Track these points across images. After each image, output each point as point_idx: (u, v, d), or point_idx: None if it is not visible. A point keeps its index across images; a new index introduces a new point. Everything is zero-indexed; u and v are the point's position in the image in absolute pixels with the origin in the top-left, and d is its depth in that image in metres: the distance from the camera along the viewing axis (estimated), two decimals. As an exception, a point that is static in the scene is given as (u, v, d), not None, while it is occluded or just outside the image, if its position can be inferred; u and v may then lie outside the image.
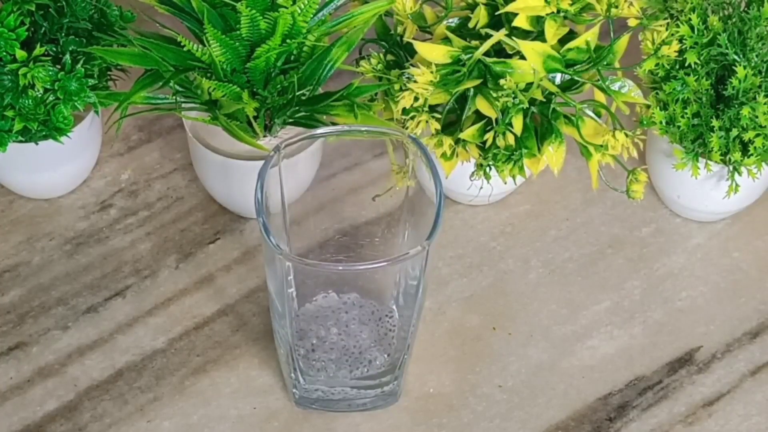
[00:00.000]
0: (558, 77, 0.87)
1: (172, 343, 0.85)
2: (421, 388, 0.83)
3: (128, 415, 0.81)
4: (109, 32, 0.86)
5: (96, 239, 0.90)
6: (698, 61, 0.86)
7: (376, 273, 0.81)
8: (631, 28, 0.84)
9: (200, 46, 0.81)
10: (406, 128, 0.82)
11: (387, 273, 0.80)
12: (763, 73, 0.84)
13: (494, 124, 0.83)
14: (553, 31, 0.82)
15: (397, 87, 0.84)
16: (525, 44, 0.82)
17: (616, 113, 0.85)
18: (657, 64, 0.86)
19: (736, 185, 0.86)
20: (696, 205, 0.91)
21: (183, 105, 0.85)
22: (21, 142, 0.85)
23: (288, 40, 0.81)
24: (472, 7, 0.85)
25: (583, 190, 0.94)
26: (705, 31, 0.86)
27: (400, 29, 0.87)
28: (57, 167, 0.90)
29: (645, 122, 0.87)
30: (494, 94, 0.82)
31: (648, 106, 0.88)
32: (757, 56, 0.84)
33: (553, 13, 0.81)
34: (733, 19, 0.86)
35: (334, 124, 0.84)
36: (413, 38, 0.86)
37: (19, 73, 0.81)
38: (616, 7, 0.82)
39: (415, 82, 0.81)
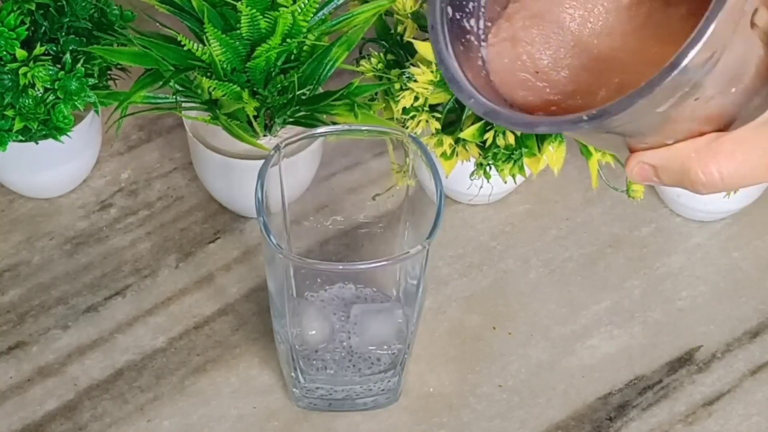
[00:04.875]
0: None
1: (172, 342, 0.85)
2: (421, 387, 0.83)
3: (128, 414, 0.81)
4: (109, 31, 0.86)
5: (96, 239, 0.90)
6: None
7: (376, 272, 0.81)
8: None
9: (200, 45, 0.81)
10: (407, 128, 0.82)
11: (387, 272, 0.80)
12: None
13: (494, 124, 0.83)
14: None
15: (397, 86, 0.84)
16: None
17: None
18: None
19: (736, 185, 0.86)
20: (696, 205, 0.91)
21: (183, 104, 0.85)
22: (21, 141, 0.85)
23: (288, 40, 0.81)
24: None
25: (583, 190, 0.94)
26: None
27: (400, 28, 0.87)
28: (57, 167, 0.90)
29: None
30: (494, 94, 0.82)
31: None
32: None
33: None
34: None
35: (334, 123, 0.84)
36: (413, 38, 0.86)
37: (20, 72, 0.81)
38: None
39: (415, 81, 0.81)
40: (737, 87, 0.48)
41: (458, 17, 0.53)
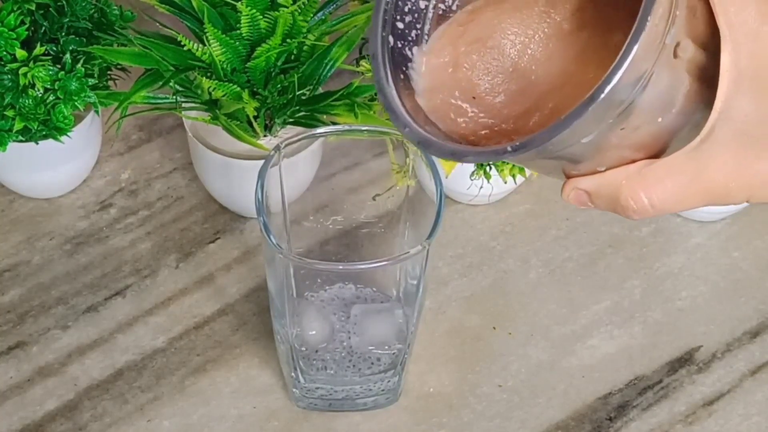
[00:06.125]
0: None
1: (172, 342, 0.85)
2: (421, 387, 0.83)
3: (128, 414, 0.81)
4: (109, 32, 0.86)
5: (96, 239, 0.90)
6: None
7: (376, 272, 0.81)
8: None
9: (200, 45, 0.81)
10: (407, 128, 0.82)
11: (387, 272, 0.80)
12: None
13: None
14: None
15: (397, 86, 0.84)
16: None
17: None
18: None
19: (736, 185, 0.86)
20: (696, 205, 0.91)
21: (183, 104, 0.85)
22: (21, 141, 0.85)
23: (288, 40, 0.81)
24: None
25: (583, 190, 0.94)
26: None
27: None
28: (57, 167, 0.90)
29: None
30: (494, 94, 0.82)
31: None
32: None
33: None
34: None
35: (334, 123, 0.84)
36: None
37: (20, 72, 0.81)
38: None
39: (415, 81, 0.81)
40: (665, 117, 0.49)
41: (400, 46, 0.54)
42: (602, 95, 0.45)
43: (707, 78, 0.48)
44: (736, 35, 0.47)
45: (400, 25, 0.54)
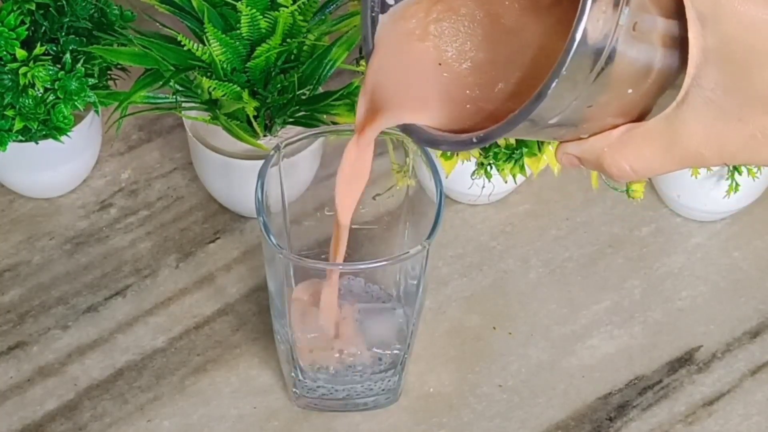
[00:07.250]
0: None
1: (173, 342, 0.85)
2: (421, 387, 0.83)
3: (128, 414, 0.81)
4: (109, 31, 0.86)
5: (96, 239, 0.90)
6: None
7: (376, 272, 0.81)
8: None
9: (200, 45, 0.81)
10: (407, 128, 0.82)
11: (387, 272, 0.80)
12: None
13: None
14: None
15: (397, 86, 0.84)
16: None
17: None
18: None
19: (736, 184, 0.86)
20: (696, 205, 0.91)
21: (183, 104, 0.85)
22: (21, 141, 0.85)
23: (288, 40, 0.81)
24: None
25: (583, 190, 0.94)
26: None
27: (400, 29, 0.87)
28: (57, 166, 0.90)
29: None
30: (494, 94, 0.82)
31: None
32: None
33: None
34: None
35: (334, 123, 0.84)
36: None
37: (20, 72, 0.81)
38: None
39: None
40: (636, 89, 0.49)
41: None
42: (549, 91, 0.45)
43: (684, 44, 0.49)
44: (699, 7, 0.47)
45: (391, 1, 0.54)
